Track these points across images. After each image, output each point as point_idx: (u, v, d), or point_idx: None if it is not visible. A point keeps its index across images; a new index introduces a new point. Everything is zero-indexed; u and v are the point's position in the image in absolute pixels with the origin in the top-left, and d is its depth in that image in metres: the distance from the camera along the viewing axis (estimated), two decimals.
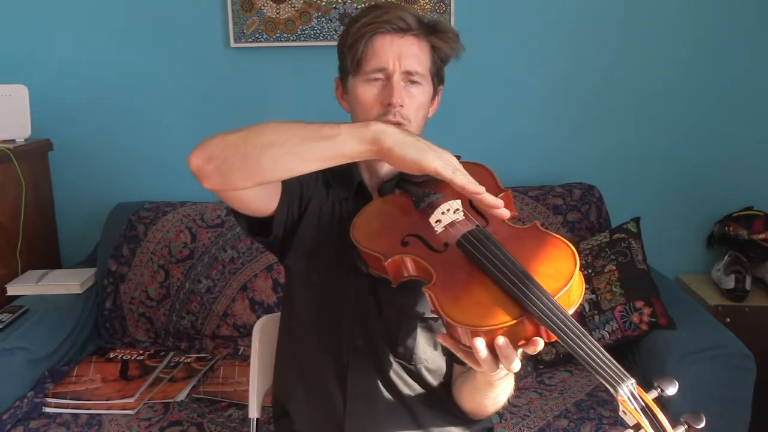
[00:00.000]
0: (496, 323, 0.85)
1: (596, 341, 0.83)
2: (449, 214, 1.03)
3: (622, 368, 0.80)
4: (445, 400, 1.24)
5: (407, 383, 1.21)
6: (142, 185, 2.54)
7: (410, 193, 1.14)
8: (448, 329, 0.92)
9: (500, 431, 1.70)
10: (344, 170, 1.21)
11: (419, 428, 1.21)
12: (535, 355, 1.99)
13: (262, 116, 1.04)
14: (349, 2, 2.37)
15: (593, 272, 2.01)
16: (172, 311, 2.25)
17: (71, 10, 2.44)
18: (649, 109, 2.45)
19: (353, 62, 1.15)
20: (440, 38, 1.18)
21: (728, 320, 2.14)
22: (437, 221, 1.04)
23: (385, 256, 1.02)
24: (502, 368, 0.89)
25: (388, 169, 1.22)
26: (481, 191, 0.93)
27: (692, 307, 2.02)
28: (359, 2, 2.37)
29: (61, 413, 1.83)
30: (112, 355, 2.13)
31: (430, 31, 1.17)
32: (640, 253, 2.02)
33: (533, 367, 2.00)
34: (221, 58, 2.46)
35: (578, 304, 0.89)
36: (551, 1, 2.38)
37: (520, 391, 1.86)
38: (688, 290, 2.37)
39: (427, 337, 1.20)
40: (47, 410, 1.84)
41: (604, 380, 0.80)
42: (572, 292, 0.89)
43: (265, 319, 1.50)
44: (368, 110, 1.16)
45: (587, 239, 2.17)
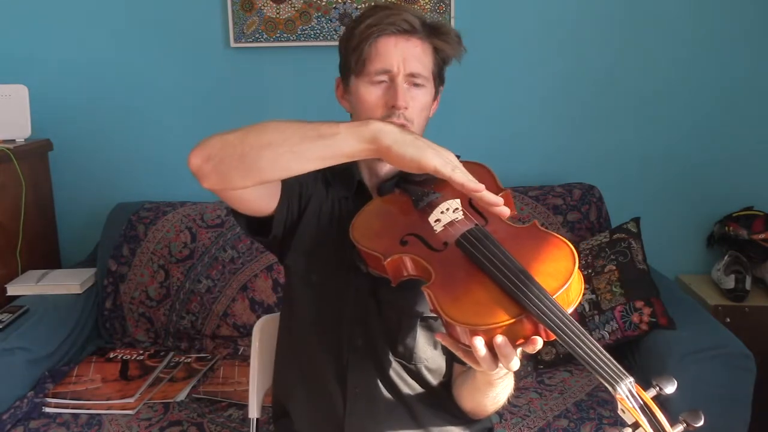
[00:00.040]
0: (494, 322, 0.85)
1: (596, 341, 0.83)
2: (448, 213, 1.04)
3: (620, 367, 0.80)
4: (445, 399, 1.24)
5: (407, 383, 1.21)
6: (142, 185, 2.55)
7: (409, 192, 1.14)
8: (447, 328, 0.93)
9: (500, 431, 1.70)
10: (344, 169, 1.21)
11: (419, 428, 1.21)
12: (535, 354, 1.98)
13: (262, 116, 1.03)
14: (349, 2, 2.37)
15: (593, 272, 2.01)
16: (172, 311, 2.25)
17: (71, 10, 2.44)
18: (649, 109, 2.45)
19: (357, 63, 1.15)
20: (443, 40, 1.17)
21: (728, 320, 2.14)
22: (436, 220, 1.04)
23: (384, 255, 1.02)
24: (501, 367, 0.89)
25: (388, 168, 1.22)
26: (480, 189, 0.93)
27: (692, 307, 2.02)
28: (359, 2, 2.37)
29: (61, 413, 1.82)
30: (112, 355, 2.13)
31: (433, 32, 1.17)
32: (640, 253, 2.02)
33: (533, 367, 2.00)
34: (221, 58, 2.46)
35: (577, 303, 0.89)
36: (551, 1, 2.38)
37: (520, 391, 1.86)
38: (688, 290, 2.37)
39: (427, 336, 1.20)
40: (47, 410, 1.84)
41: (602, 379, 0.80)
42: (571, 291, 0.89)
43: (265, 319, 1.50)
44: (372, 112, 1.15)
45: (587, 239, 2.17)
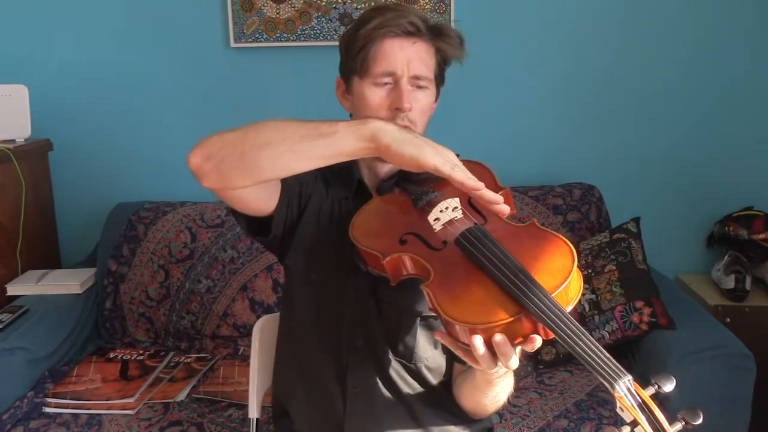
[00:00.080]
0: (493, 320, 0.85)
1: (595, 341, 0.83)
2: (447, 212, 1.04)
3: (619, 365, 0.80)
4: (445, 399, 1.24)
5: (407, 382, 1.21)
6: (142, 185, 2.55)
7: (409, 191, 1.14)
8: (446, 327, 0.93)
9: (500, 431, 1.70)
10: (344, 169, 1.21)
11: (419, 427, 1.21)
12: (535, 354, 1.99)
13: (262, 116, 1.03)
14: (349, 2, 2.37)
15: (593, 272, 2.01)
16: (172, 311, 2.25)
17: (71, 10, 2.44)
18: (649, 109, 2.45)
19: (362, 64, 1.14)
20: (447, 42, 1.17)
21: (728, 320, 2.14)
22: (436, 219, 1.04)
23: (383, 254, 1.02)
24: (500, 366, 0.89)
25: (388, 168, 1.22)
26: (480, 187, 0.93)
27: (692, 307, 2.02)
28: (359, 2, 2.37)
29: (61, 413, 1.82)
30: (112, 355, 2.13)
31: (436, 34, 1.17)
32: (640, 253, 2.01)
33: (533, 367, 2.00)
34: (221, 58, 2.46)
35: (576, 301, 0.89)
36: (551, 1, 2.38)
37: (520, 391, 1.86)
38: (688, 290, 2.37)
39: (427, 335, 1.20)
40: (47, 410, 1.84)
41: (601, 377, 0.80)
42: (570, 289, 0.89)
43: (265, 319, 1.50)
44: (375, 113, 1.14)
45: (587, 239, 2.17)
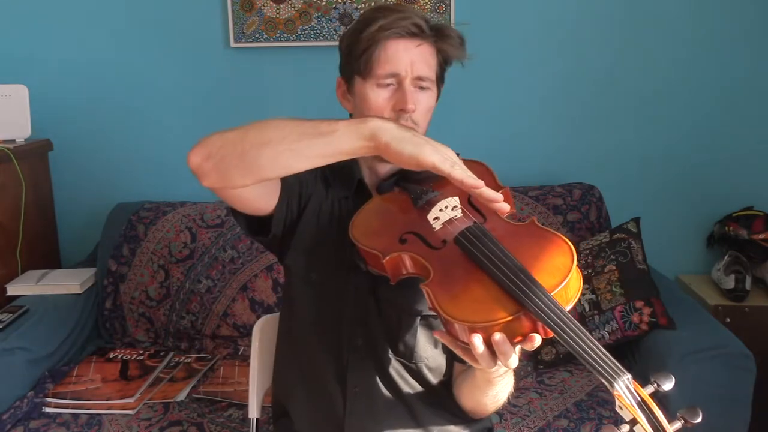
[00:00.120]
0: (493, 319, 0.85)
1: (595, 340, 0.83)
2: (447, 211, 1.03)
3: (618, 364, 0.80)
4: (445, 398, 1.24)
5: (407, 382, 1.21)
6: (142, 185, 2.55)
7: (408, 190, 1.14)
8: (445, 326, 0.93)
9: (500, 431, 1.70)
10: (344, 168, 1.21)
11: (419, 427, 1.21)
12: (535, 354, 1.99)
13: (261, 116, 1.03)
14: (349, 2, 2.37)
15: (593, 272, 2.01)
16: (172, 311, 2.25)
17: (71, 10, 2.44)
18: (649, 109, 2.45)
19: (366, 66, 1.14)
20: (449, 43, 1.17)
21: (728, 320, 2.14)
22: (435, 218, 1.04)
23: (383, 253, 1.02)
24: (500, 365, 0.89)
25: (388, 168, 1.22)
26: (479, 185, 0.93)
27: (692, 307, 2.02)
28: (359, 2, 2.37)
29: (61, 413, 1.82)
30: (112, 355, 2.13)
31: (438, 35, 1.16)
32: (640, 253, 2.01)
33: (533, 367, 2.00)
34: (221, 58, 2.46)
35: (576, 300, 0.89)
36: (551, 1, 2.39)
37: (520, 391, 1.86)
38: (688, 290, 2.37)
39: (427, 335, 1.20)
40: (47, 410, 1.84)
41: (600, 376, 0.80)
42: (569, 288, 0.89)
43: (265, 319, 1.50)
44: (378, 114, 1.14)
45: (587, 239, 2.17)
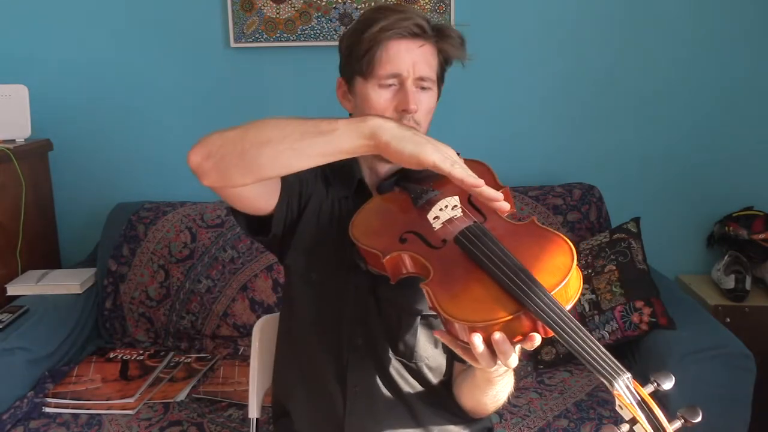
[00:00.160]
0: (492, 319, 0.85)
1: (595, 339, 0.83)
2: (447, 210, 1.04)
3: (618, 363, 0.80)
4: (445, 398, 1.24)
5: (408, 381, 1.21)
6: (142, 185, 2.55)
7: (409, 190, 1.14)
8: (445, 325, 0.93)
9: (500, 431, 1.70)
10: (344, 168, 1.21)
11: (419, 427, 1.21)
12: (535, 354, 1.99)
13: (261, 116, 1.03)
14: (349, 2, 2.37)
15: (593, 272, 2.01)
16: (172, 311, 2.24)
17: (71, 10, 2.44)
18: (649, 109, 2.45)
19: (368, 66, 1.14)
20: (449, 43, 1.17)
21: (728, 320, 2.14)
22: (435, 218, 1.04)
23: (383, 253, 1.02)
24: (500, 365, 0.89)
25: (388, 167, 1.21)
26: (480, 184, 0.93)
27: (692, 307, 2.02)
28: (359, 2, 2.37)
29: (61, 413, 1.82)
30: (112, 355, 2.13)
31: (439, 35, 1.16)
32: (640, 253, 2.01)
33: (533, 367, 2.00)
34: (221, 58, 2.46)
35: (576, 299, 0.89)
36: (551, 1, 2.39)
37: (520, 391, 1.86)
38: (688, 290, 2.37)
39: (427, 334, 1.20)
40: (47, 410, 1.84)
41: (600, 375, 0.80)
42: (569, 287, 0.89)
43: (265, 319, 1.50)
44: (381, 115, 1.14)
45: (587, 239, 2.17)
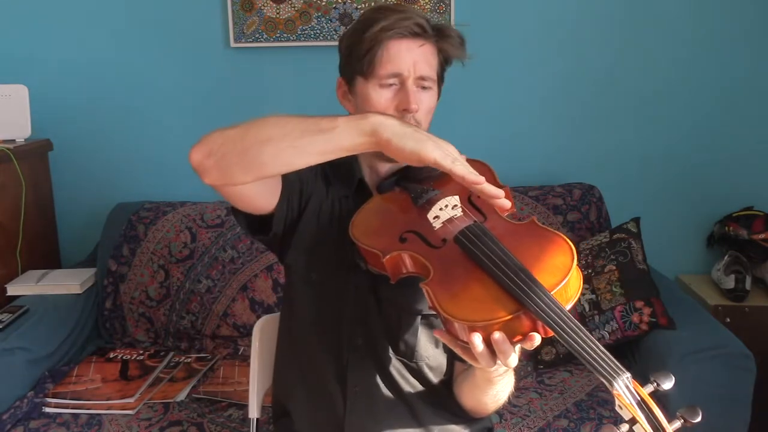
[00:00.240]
0: (492, 318, 0.85)
1: (595, 339, 0.83)
2: (447, 210, 1.03)
3: (618, 363, 0.80)
4: (445, 398, 1.24)
5: (408, 381, 1.21)
6: (142, 185, 2.55)
7: (409, 189, 1.15)
8: (445, 325, 0.93)
9: (500, 431, 1.70)
10: (344, 167, 1.21)
11: (419, 426, 1.21)
12: (535, 354, 1.99)
13: (261, 116, 1.03)
14: (349, 2, 2.37)
15: (593, 272, 2.01)
16: (172, 311, 2.24)
17: (71, 10, 2.44)
18: (649, 109, 2.44)
19: (368, 66, 1.14)
20: (449, 43, 1.17)
21: (728, 320, 2.14)
22: (435, 217, 1.04)
23: (383, 252, 1.02)
24: (500, 364, 0.89)
25: (389, 167, 1.22)
26: (480, 181, 0.93)
27: (692, 307, 2.02)
28: (359, 2, 2.37)
29: (61, 413, 1.82)
30: (112, 355, 2.13)
31: (439, 35, 1.17)
32: (640, 253, 2.01)
33: (533, 367, 2.00)
34: (221, 58, 2.46)
35: (576, 299, 0.89)
36: (551, 1, 2.39)
37: (520, 391, 1.86)
38: (688, 290, 2.37)
39: (428, 334, 1.20)
40: (47, 410, 1.84)
41: (600, 375, 0.80)
42: (569, 287, 0.89)
43: (265, 319, 1.50)
44: None
45: (587, 239, 2.17)
